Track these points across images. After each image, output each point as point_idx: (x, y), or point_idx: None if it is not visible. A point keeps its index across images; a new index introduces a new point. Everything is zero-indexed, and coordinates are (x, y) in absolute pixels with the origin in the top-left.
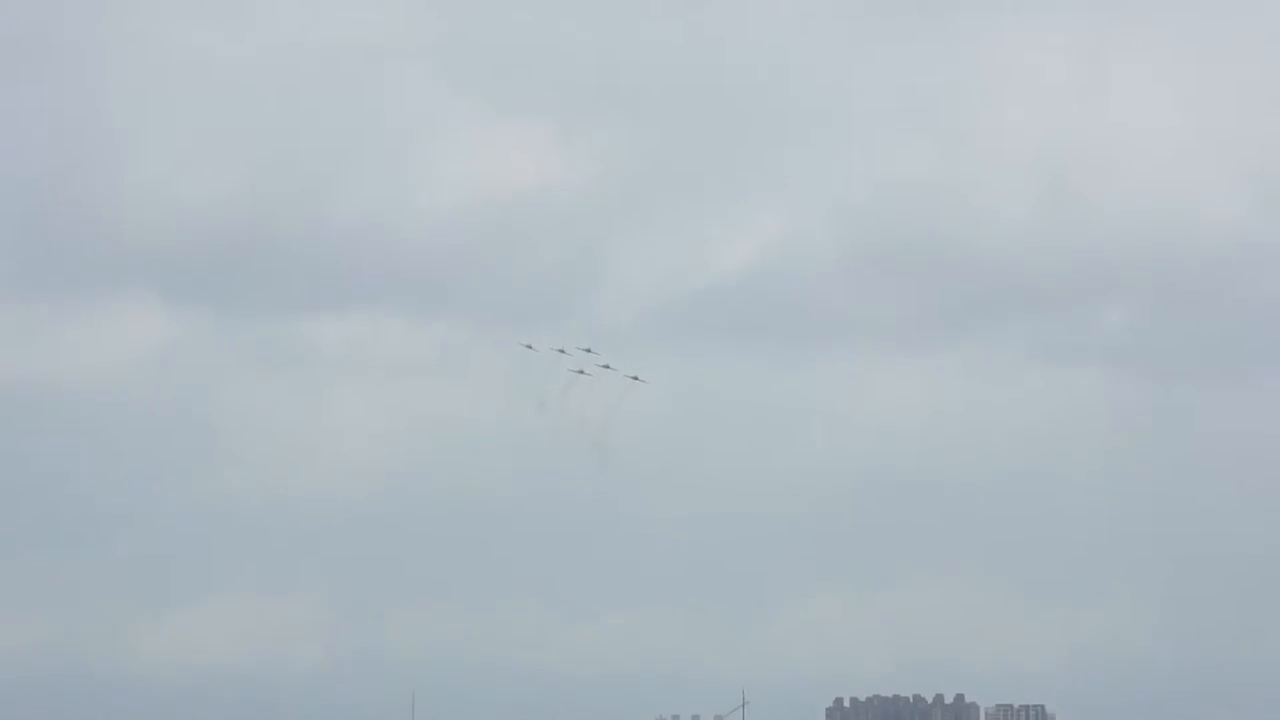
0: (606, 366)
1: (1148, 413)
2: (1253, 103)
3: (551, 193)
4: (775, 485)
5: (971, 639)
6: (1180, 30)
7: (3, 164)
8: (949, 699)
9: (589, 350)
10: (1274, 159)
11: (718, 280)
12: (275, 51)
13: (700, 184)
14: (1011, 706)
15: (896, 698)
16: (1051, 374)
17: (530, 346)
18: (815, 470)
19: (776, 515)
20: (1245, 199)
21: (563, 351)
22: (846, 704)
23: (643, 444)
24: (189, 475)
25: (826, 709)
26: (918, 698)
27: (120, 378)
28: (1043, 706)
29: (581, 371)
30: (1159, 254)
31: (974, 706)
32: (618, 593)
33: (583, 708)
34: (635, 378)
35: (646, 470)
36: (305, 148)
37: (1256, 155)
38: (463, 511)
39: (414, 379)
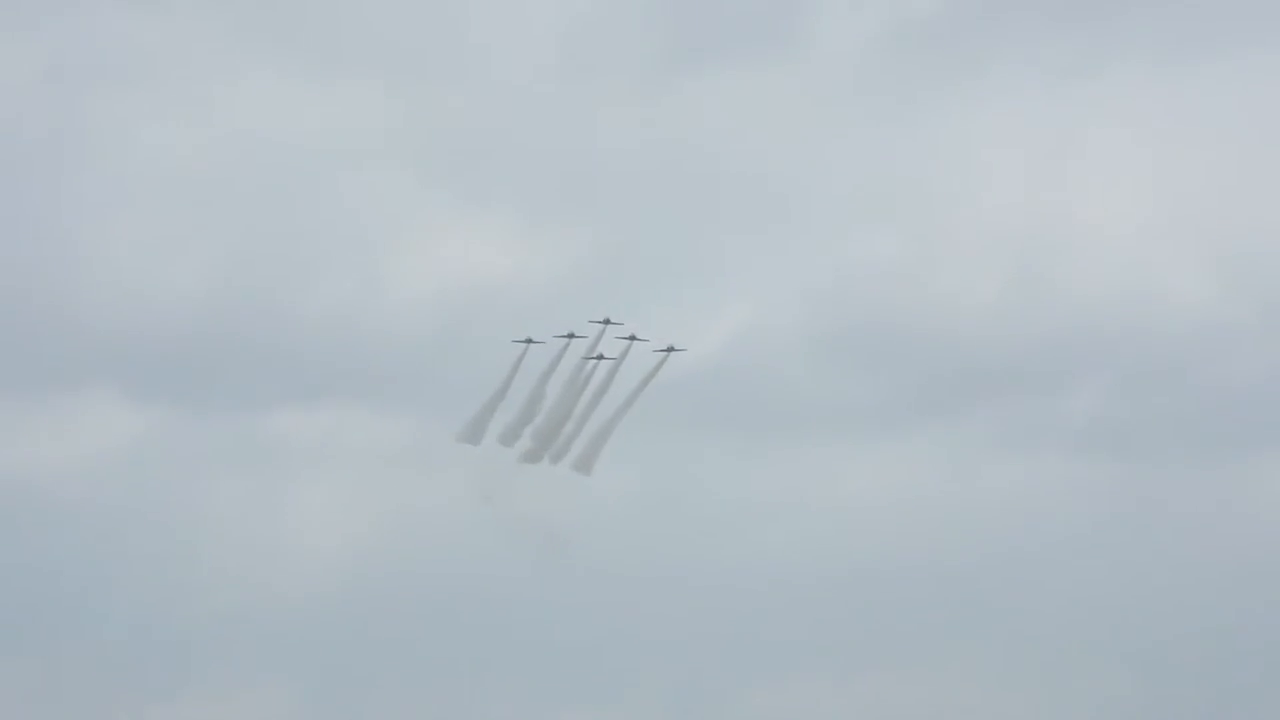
0: (632, 338)
1: (1116, 496)
2: (1218, 184)
3: (518, 284)
4: (739, 575)
5: None
6: (1145, 112)
7: None
8: None
9: (608, 321)
10: (1239, 240)
11: (682, 369)
12: (240, 144)
13: (665, 273)
14: None
15: None
16: (1019, 459)
17: (530, 340)
18: (779, 560)
19: (740, 606)
20: (1212, 281)
21: (572, 336)
22: None
23: (604, 536)
24: (155, 571)
25: None
26: None
27: (84, 474)
28: None
29: (600, 357)
30: (1126, 337)
31: None
32: (583, 689)
33: None
34: (670, 348)
35: (610, 563)
36: (270, 241)
37: (1222, 237)
38: (431, 606)
39: (382, 472)
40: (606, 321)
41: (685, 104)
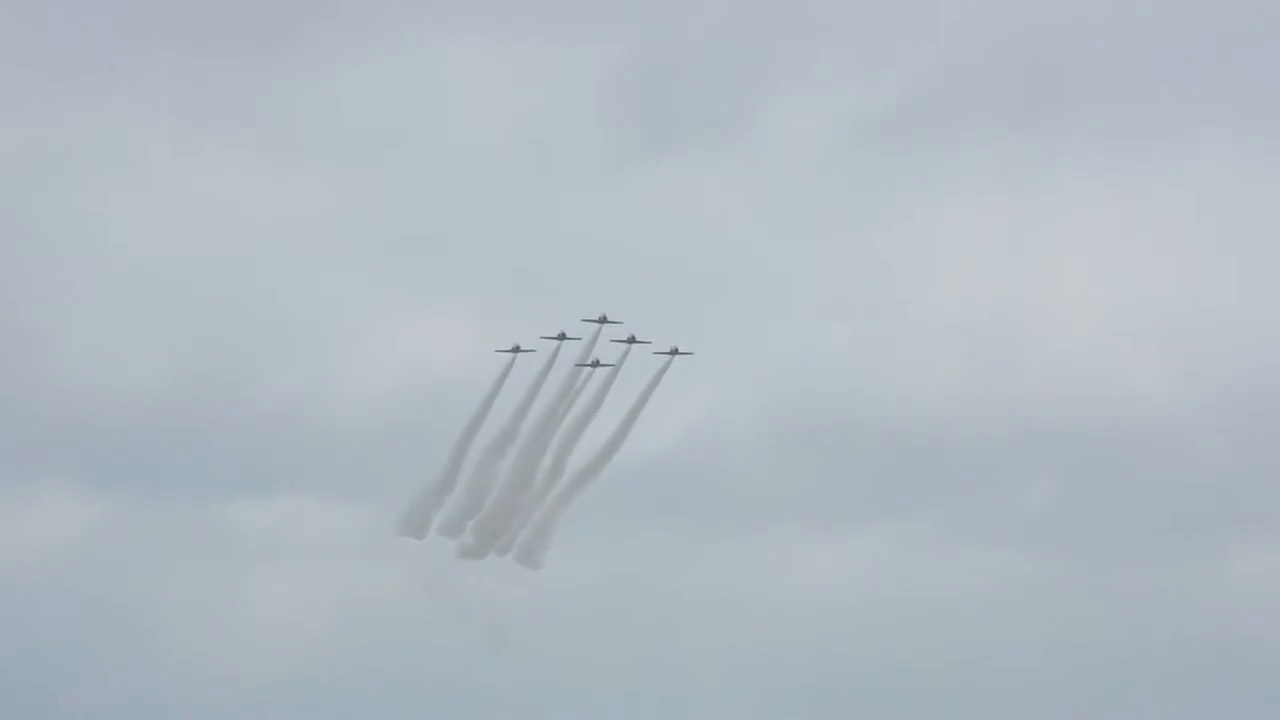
0: (632, 340)
1: (1070, 588)
2: (1172, 278)
3: (475, 376)
4: (692, 669)
5: None
6: (1099, 205)
7: None
8: None
9: (604, 320)
10: (1193, 334)
11: (638, 459)
12: (197, 235)
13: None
14: None
15: None
16: (973, 550)
17: (518, 348)
18: (731, 653)
19: (690, 698)
20: (1165, 374)
21: (563, 337)
22: None
23: (556, 628)
24: (111, 661)
25: None
26: None
27: (40, 564)
28: None
29: (596, 363)
30: (1079, 429)
31: None
32: None
33: None
34: (675, 350)
35: (564, 655)
36: (227, 331)
37: (1176, 330)
38: (380, 696)
39: (334, 562)
40: (603, 320)
41: (643, 195)
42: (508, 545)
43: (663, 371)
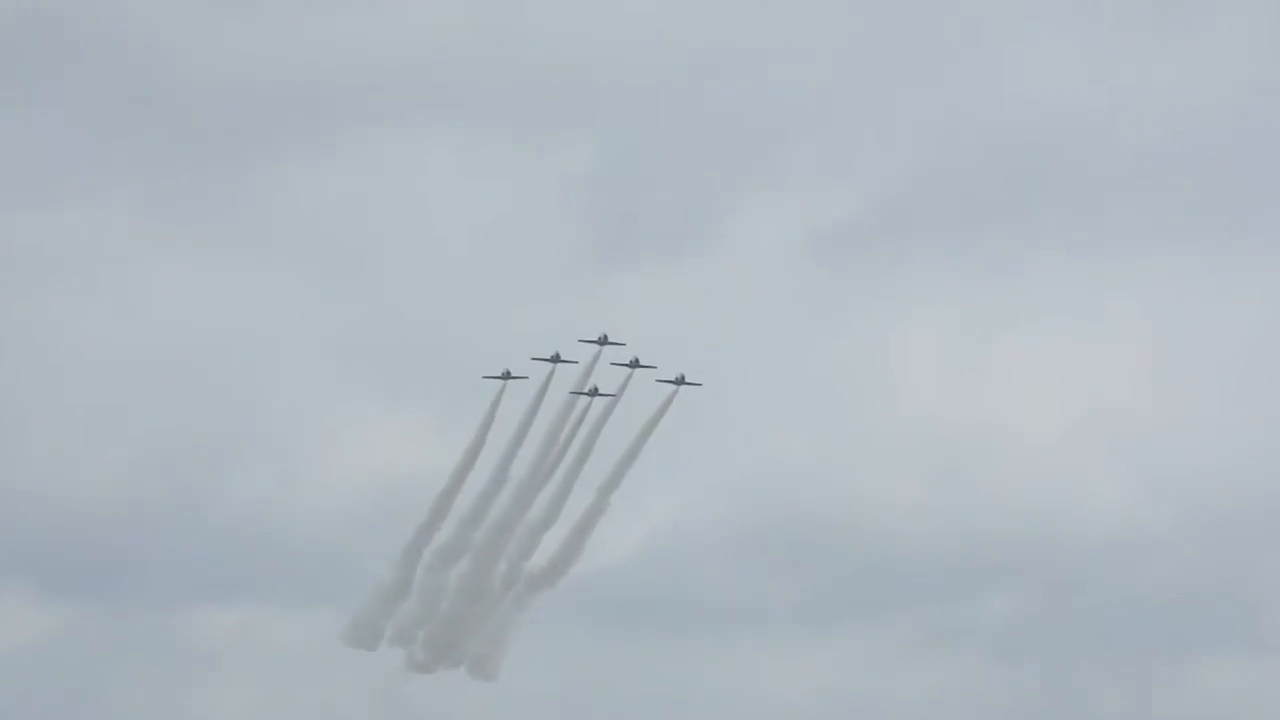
0: (635, 364)
1: (1034, 700)
2: (1133, 387)
3: (437, 482)
4: None
5: None
6: (1060, 315)
7: None
8: None
9: (605, 341)
10: (1155, 445)
11: (597, 566)
12: (158, 339)
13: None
14: None
15: None
16: (937, 661)
17: (508, 374)
18: None
19: None
20: (1128, 485)
21: (557, 359)
22: None
23: None
24: None
25: None
26: None
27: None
28: None
29: (595, 391)
30: (1046, 540)
31: None
32: None
33: None
34: (682, 379)
35: None
36: (185, 436)
37: (1138, 441)
38: None
39: (301, 670)
40: (603, 341)
41: (604, 301)
42: (460, 657)
43: (666, 406)
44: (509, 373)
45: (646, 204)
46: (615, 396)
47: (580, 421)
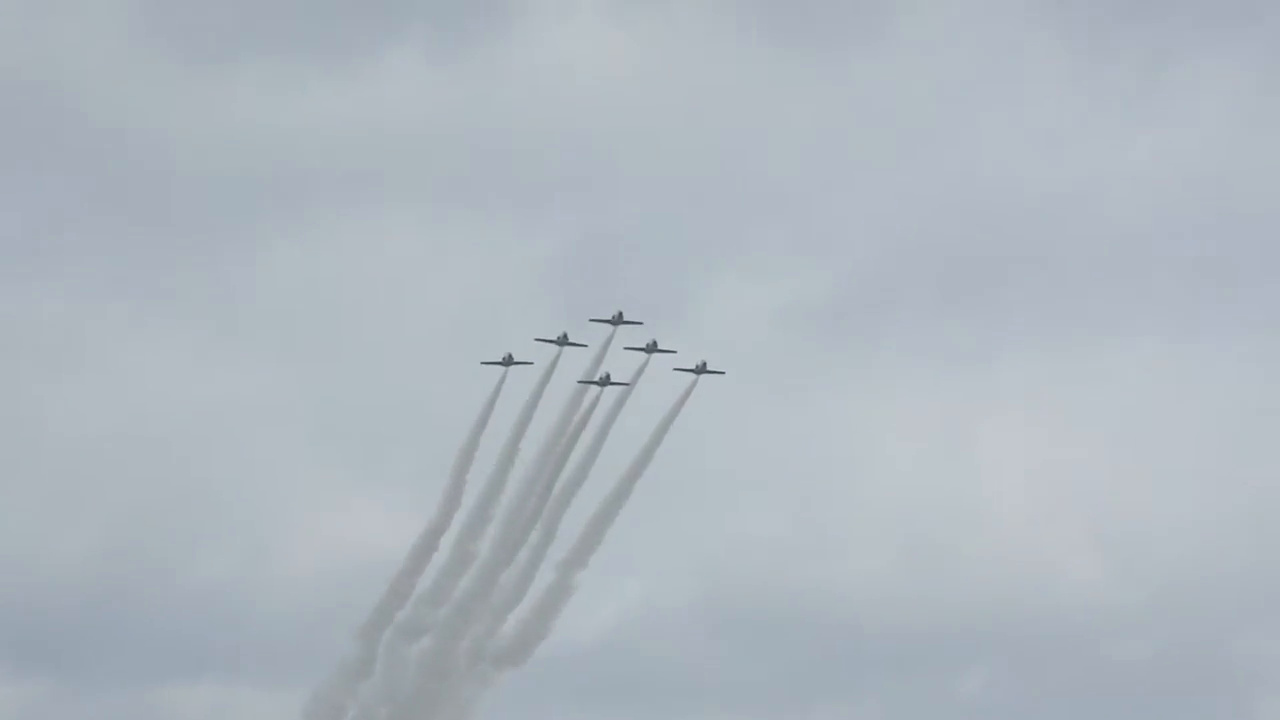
0: (652, 347)
1: None
2: (1106, 468)
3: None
4: None
5: None
6: (1033, 396)
7: None
8: None
9: (620, 320)
10: (1127, 523)
11: (571, 646)
12: (128, 415)
13: (557, 545)
14: None
15: None
16: None
17: (510, 359)
18: None
19: None
20: (1100, 564)
21: (564, 341)
22: None
23: None
24: None
25: None
26: None
27: None
28: None
29: (606, 380)
30: (1018, 619)
31: None
32: None
33: None
34: (703, 366)
35: None
36: (155, 513)
37: (1110, 520)
38: None
39: None
40: (618, 320)
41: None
42: None
43: (685, 397)
44: (510, 357)
45: (617, 284)
46: (629, 385)
47: (587, 417)
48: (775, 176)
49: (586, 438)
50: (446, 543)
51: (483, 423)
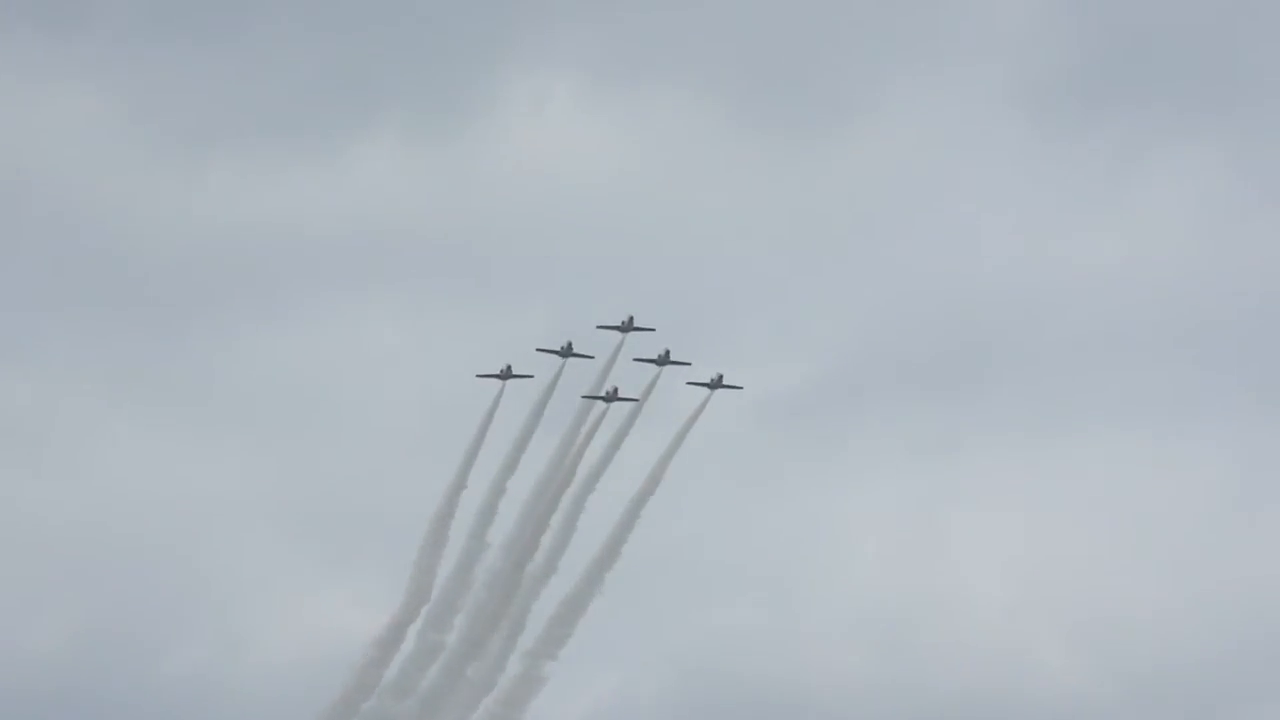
0: (665, 358)
1: None
2: (1080, 560)
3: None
4: None
5: None
6: (1007, 487)
7: None
8: None
9: (630, 326)
10: (1101, 615)
11: None
12: (104, 499)
13: (527, 635)
14: None
15: None
16: None
17: (509, 371)
18: None
19: None
20: (1079, 660)
21: (569, 352)
22: None
23: None
24: None
25: None
26: None
27: None
28: None
29: (614, 395)
30: (992, 707)
31: None
32: None
33: None
34: (719, 380)
35: None
36: (127, 602)
37: (1084, 611)
38: None
39: None
40: (628, 326)
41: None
42: None
43: (697, 414)
44: (509, 369)
45: (593, 376)
46: (639, 401)
47: (591, 435)
48: (748, 269)
49: (566, 503)
50: (414, 632)
51: (473, 455)
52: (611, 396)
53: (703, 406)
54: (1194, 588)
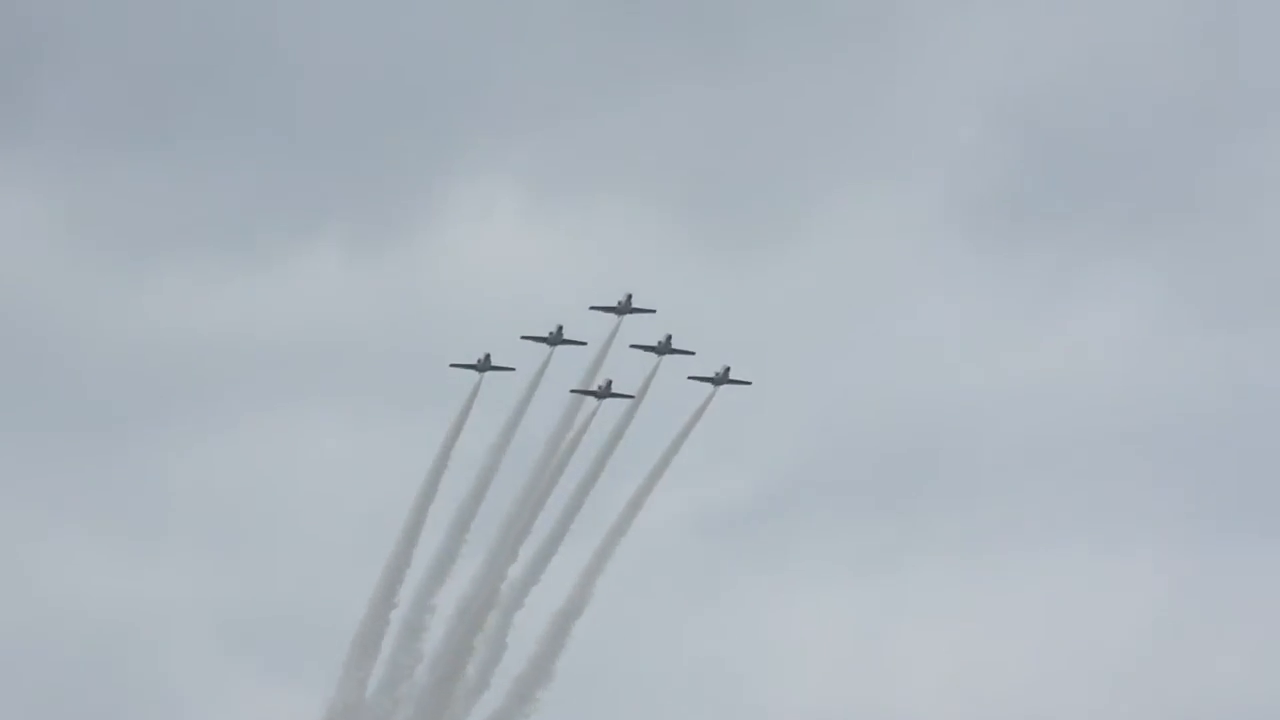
0: (665, 345)
1: None
2: (1021, 678)
3: None
4: None
5: None
6: (947, 604)
7: None
8: None
9: (628, 306)
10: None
11: None
12: (41, 613)
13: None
14: None
15: None
16: None
17: (487, 361)
18: None
19: None
20: None
21: (559, 338)
22: None
23: None
24: None
25: None
26: None
27: None
28: None
29: (606, 390)
30: None
31: None
32: None
33: None
34: (725, 373)
35: None
36: (66, 711)
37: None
38: None
39: None
40: (626, 307)
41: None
42: None
43: (701, 412)
44: (488, 359)
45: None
46: (636, 398)
47: (578, 439)
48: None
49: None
50: None
51: (436, 478)
52: (605, 391)
53: (704, 405)
54: (1130, 703)
